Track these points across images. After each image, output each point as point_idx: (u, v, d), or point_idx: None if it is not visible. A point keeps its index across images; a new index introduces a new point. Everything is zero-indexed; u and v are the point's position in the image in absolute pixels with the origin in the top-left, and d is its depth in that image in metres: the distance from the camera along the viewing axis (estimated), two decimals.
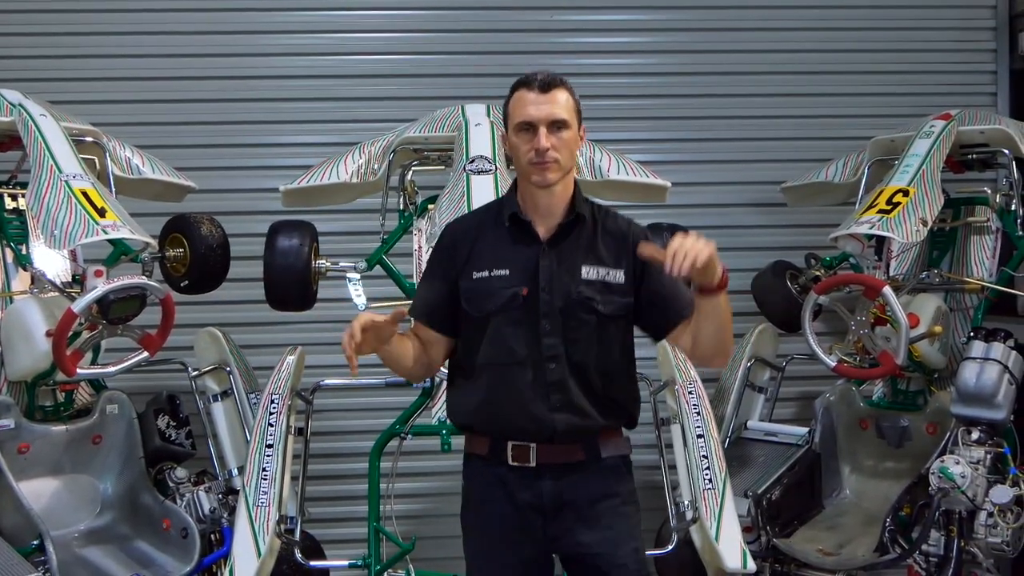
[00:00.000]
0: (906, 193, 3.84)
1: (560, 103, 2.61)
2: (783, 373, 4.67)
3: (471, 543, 2.77)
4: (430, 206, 4.01)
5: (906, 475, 4.06)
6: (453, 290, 2.68)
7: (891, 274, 4.19)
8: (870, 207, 3.87)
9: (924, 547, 3.72)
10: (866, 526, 4.04)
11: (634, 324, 2.70)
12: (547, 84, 2.61)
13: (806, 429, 4.34)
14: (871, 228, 3.80)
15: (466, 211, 3.35)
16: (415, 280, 3.94)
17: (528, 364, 2.61)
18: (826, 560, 3.90)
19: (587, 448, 2.65)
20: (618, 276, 2.64)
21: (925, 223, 3.76)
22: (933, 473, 3.69)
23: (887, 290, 3.76)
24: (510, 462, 2.64)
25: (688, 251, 2.31)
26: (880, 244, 4.21)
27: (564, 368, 2.61)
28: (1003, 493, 3.64)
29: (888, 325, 3.87)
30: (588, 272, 2.63)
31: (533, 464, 2.63)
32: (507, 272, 2.63)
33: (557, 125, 2.58)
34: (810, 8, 5.32)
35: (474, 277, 2.66)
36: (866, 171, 4.40)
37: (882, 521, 3.85)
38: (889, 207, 3.81)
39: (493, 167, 3.66)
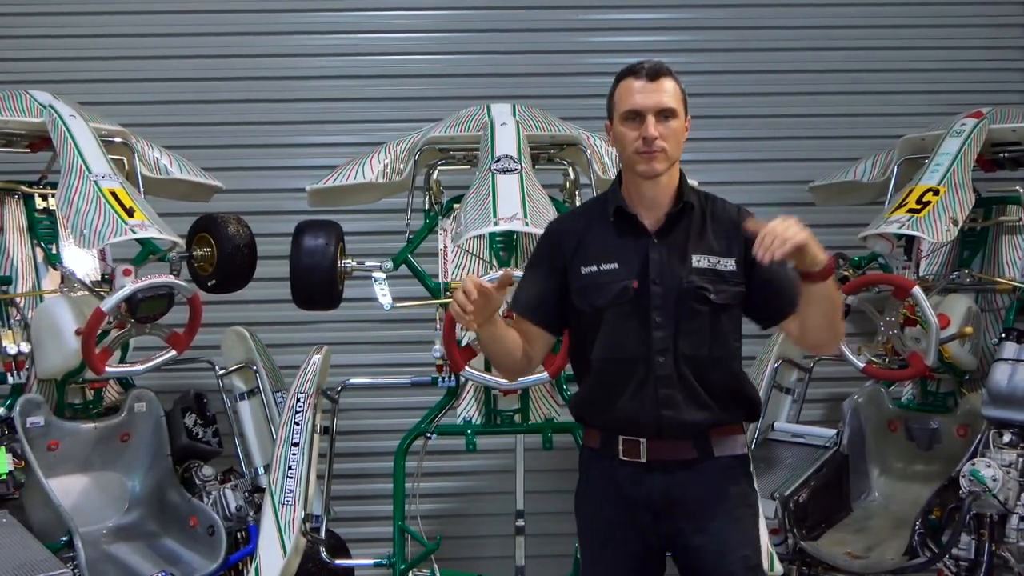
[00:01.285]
0: (936, 192, 3.80)
1: (668, 92, 2.58)
2: (811, 374, 4.63)
3: (584, 536, 2.76)
4: (455, 205, 4.01)
5: (936, 478, 4.01)
6: (560, 285, 2.65)
7: (921, 274, 4.15)
8: (900, 206, 3.83)
9: (954, 551, 3.67)
10: (895, 529, 4.00)
11: (744, 312, 2.66)
12: (655, 72, 2.58)
13: (834, 431, 4.30)
14: (900, 227, 3.76)
15: (492, 214, 3.37)
16: (440, 280, 3.97)
17: (639, 358, 2.57)
18: (854, 563, 3.86)
19: (699, 446, 2.61)
20: (729, 264, 2.60)
21: (956, 222, 3.72)
22: (964, 476, 3.64)
23: (917, 290, 3.73)
24: (620, 457, 2.61)
25: (778, 236, 2.29)
26: (910, 244, 4.18)
27: (672, 361, 2.57)
28: None
29: (918, 326, 3.84)
30: (699, 261, 2.59)
31: (643, 460, 2.59)
32: (616, 266, 2.61)
33: (665, 114, 2.55)
34: (839, 6, 5.28)
35: (583, 272, 2.63)
36: (895, 170, 4.36)
37: (912, 524, 3.80)
38: (919, 206, 3.77)
39: (519, 166, 3.65)
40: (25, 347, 3.77)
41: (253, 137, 5.13)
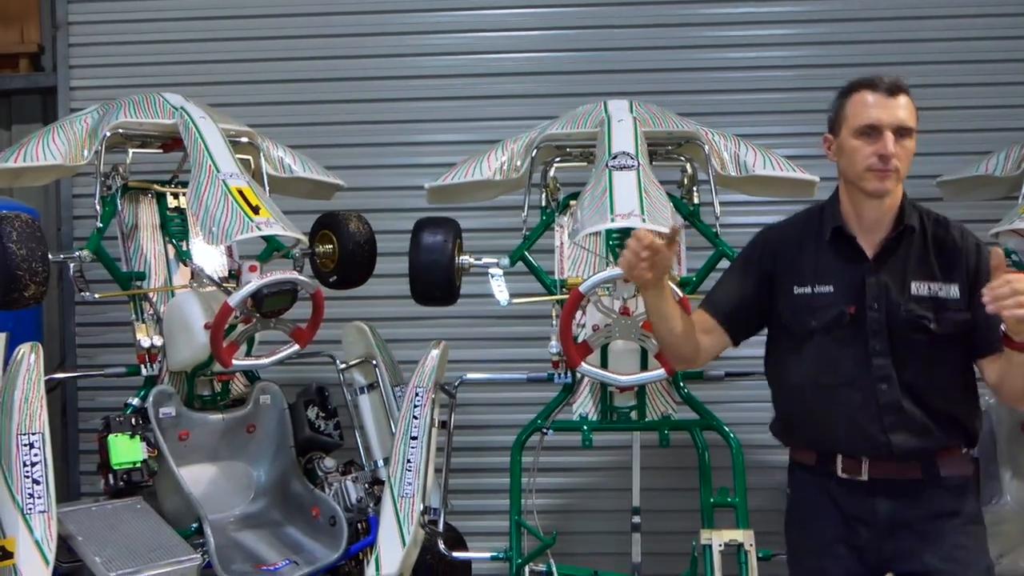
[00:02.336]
0: None
1: (907, 109, 2.51)
2: None
3: (793, 555, 2.72)
4: (572, 202, 4.00)
5: None
6: (761, 294, 2.63)
7: None
8: None
9: None
10: None
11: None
12: (895, 88, 2.52)
13: None
14: None
15: (609, 210, 3.33)
16: (556, 276, 3.96)
17: (857, 385, 2.53)
18: None
19: (925, 467, 2.54)
20: (952, 291, 2.52)
21: None
22: None
23: None
24: (839, 474, 2.57)
25: (1017, 294, 2.16)
26: None
27: (896, 389, 2.51)
28: None
29: None
30: (918, 288, 2.52)
31: (865, 478, 2.54)
32: (831, 289, 2.57)
33: (902, 132, 2.48)
34: None
35: (795, 292, 2.60)
36: None
37: None
38: None
39: (636, 163, 3.59)
40: (158, 340, 3.90)
41: (373, 136, 5.21)
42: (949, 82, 5.04)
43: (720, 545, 3.44)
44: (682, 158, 4.14)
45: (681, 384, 3.92)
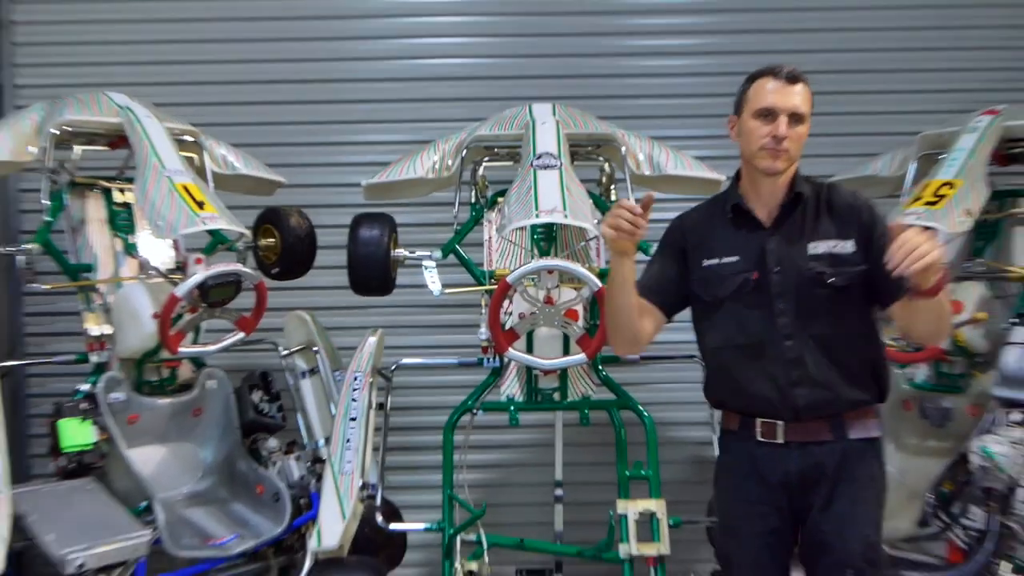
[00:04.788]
0: (952, 186, 3.74)
1: (803, 96, 2.57)
2: None
3: (722, 511, 2.77)
4: (499, 199, 4.04)
5: (948, 454, 3.99)
6: (682, 272, 2.69)
7: None
8: (916, 199, 3.78)
9: (964, 521, 3.67)
10: (909, 501, 3.98)
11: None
12: (793, 77, 2.58)
13: None
14: (917, 219, 3.71)
15: (533, 206, 3.37)
16: (485, 268, 4.00)
17: (765, 343, 2.58)
18: None
19: (834, 427, 2.60)
20: (848, 247, 2.58)
21: (970, 214, 3.66)
22: (974, 452, 3.61)
23: None
24: (758, 438, 2.62)
25: (914, 251, 2.22)
26: None
27: (801, 344, 2.56)
28: None
29: None
30: (815, 248, 2.59)
31: (781, 441, 2.60)
32: (737, 259, 2.63)
33: (796, 118, 2.56)
34: (859, 9, 5.22)
35: (704, 265, 2.66)
36: (913, 165, 4.32)
37: (923, 496, 3.82)
38: (935, 199, 3.72)
39: (558, 162, 3.63)
40: (107, 329, 3.86)
41: (312, 136, 5.18)
42: (841, 89, 5.17)
43: (635, 514, 3.51)
44: (601, 158, 4.21)
45: (600, 367, 3.98)
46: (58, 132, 3.85)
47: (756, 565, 2.69)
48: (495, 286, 3.57)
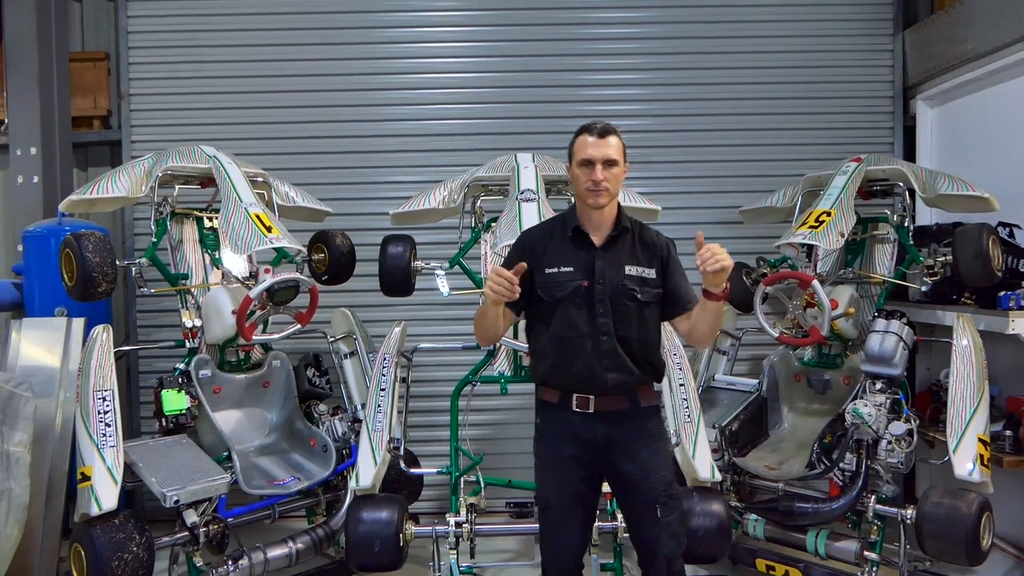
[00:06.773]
0: (829, 214, 3.75)
1: (613, 146, 2.52)
2: (740, 341, 4.58)
3: (541, 466, 2.68)
4: (493, 224, 4.00)
5: (828, 414, 3.99)
6: (528, 279, 2.59)
7: (818, 271, 4.10)
8: (803, 224, 3.78)
9: (841, 465, 3.65)
10: (799, 449, 3.97)
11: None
12: (604, 131, 2.53)
13: (756, 381, 4.26)
14: (804, 239, 3.73)
15: (518, 229, 3.33)
16: (482, 275, 3.96)
17: (587, 336, 2.54)
18: (770, 472, 3.84)
19: (630, 399, 2.57)
20: (651, 273, 2.57)
21: (843, 235, 3.68)
22: (848, 413, 3.62)
23: (815, 283, 3.70)
24: (574, 408, 2.56)
25: (715, 256, 2.29)
26: (810, 250, 4.14)
27: (613, 340, 2.53)
28: (898, 427, 3.56)
29: (815, 307, 3.80)
30: (630, 270, 2.56)
31: (592, 411, 2.55)
32: (572, 269, 2.57)
33: (609, 163, 2.51)
34: (756, 84, 5.19)
35: (546, 272, 2.59)
36: (800, 198, 4.30)
37: (811, 446, 3.79)
38: (817, 224, 3.72)
39: (537, 196, 3.63)
40: (198, 322, 3.82)
41: (352, 177, 5.12)
42: (743, 142, 5.15)
43: None
44: (569, 194, 4.18)
45: None
46: (162, 175, 3.82)
47: (570, 507, 2.62)
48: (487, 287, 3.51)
